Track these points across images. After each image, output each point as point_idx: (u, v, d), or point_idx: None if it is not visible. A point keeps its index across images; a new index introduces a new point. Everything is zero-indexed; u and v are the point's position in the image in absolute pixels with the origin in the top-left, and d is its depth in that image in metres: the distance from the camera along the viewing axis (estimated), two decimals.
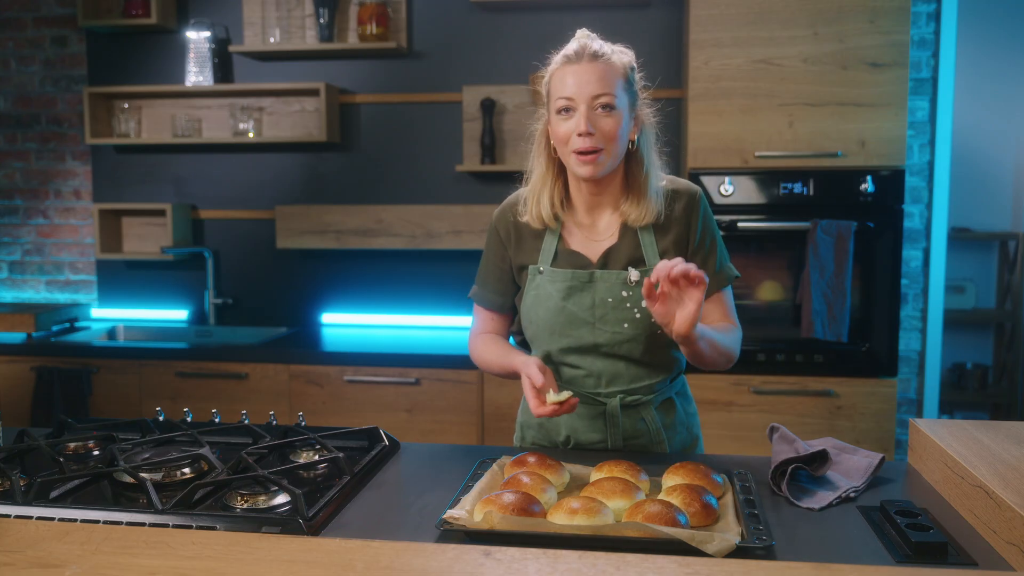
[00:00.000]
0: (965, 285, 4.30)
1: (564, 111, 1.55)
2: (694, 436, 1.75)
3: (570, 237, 1.68)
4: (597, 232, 1.67)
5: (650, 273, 1.52)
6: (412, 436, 3.00)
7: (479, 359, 1.76)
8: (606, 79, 1.53)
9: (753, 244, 3.00)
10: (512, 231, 1.71)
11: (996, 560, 1.13)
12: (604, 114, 1.54)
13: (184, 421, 1.74)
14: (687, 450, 1.74)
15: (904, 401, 3.43)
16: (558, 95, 1.56)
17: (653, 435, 1.67)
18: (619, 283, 1.61)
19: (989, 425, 1.50)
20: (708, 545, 1.09)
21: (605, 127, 1.54)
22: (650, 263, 1.62)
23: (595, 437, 1.67)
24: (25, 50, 3.77)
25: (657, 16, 3.36)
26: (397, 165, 3.57)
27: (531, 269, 1.67)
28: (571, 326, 1.62)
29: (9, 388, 3.22)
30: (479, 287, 1.78)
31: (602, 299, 1.61)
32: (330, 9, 3.42)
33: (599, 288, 1.62)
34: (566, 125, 1.55)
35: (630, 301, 1.61)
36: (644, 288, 1.41)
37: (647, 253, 1.63)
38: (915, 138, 3.32)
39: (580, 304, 1.62)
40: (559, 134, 1.57)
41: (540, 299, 1.65)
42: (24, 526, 1.09)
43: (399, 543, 1.02)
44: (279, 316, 3.69)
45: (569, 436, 1.68)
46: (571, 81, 1.54)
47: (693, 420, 1.76)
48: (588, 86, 1.53)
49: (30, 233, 3.86)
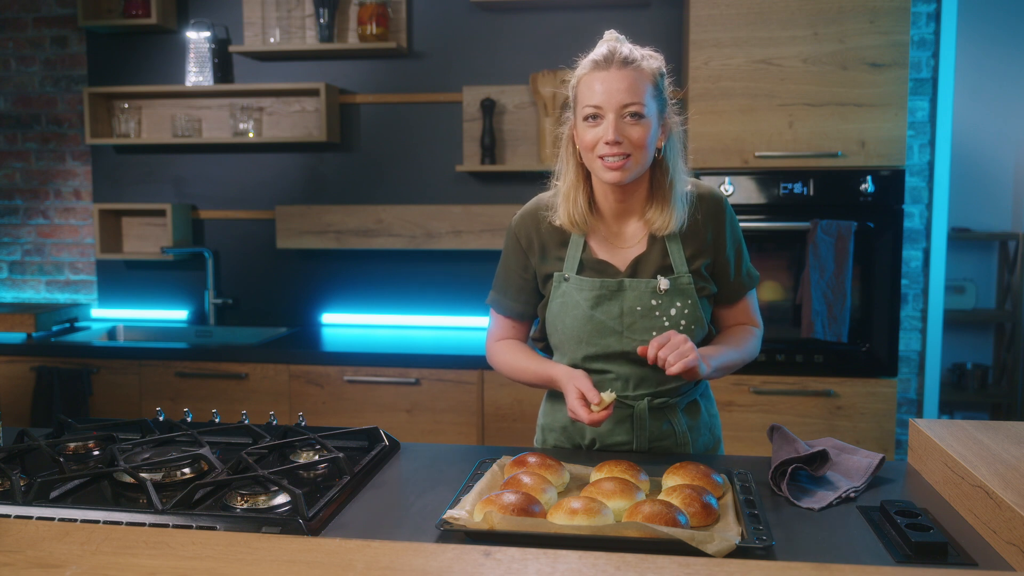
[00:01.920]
0: (965, 285, 4.30)
1: (592, 118, 1.53)
2: (716, 438, 1.75)
3: (596, 244, 1.65)
4: (623, 240, 1.65)
5: (680, 279, 1.60)
6: (412, 436, 3.00)
7: (503, 365, 1.73)
8: (636, 87, 1.51)
9: (753, 244, 2.98)
10: (535, 238, 1.68)
11: (996, 560, 1.13)
12: (632, 122, 1.51)
13: (184, 421, 1.73)
14: (709, 451, 1.73)
15: (904, 401, 3.43)
16: (586, 102, 1.53)
17: (679, 437, 1.66)
18: (648, 292, 1.60)
19: (989, 425, 1.50)
20: (708, 545, 1.09)
21: (633, 135, 1.51)
22: (678, 271, 1.61)
23: (621, 439, 1.66)
24: (25, 50, 3.77)
25: (657, 16, 3.36)
26: (397, 165, 3.57)
27: (556, 276, 1.65)
28: (599, 335, 1.61)
29: (9, 388, 3.22)
30: (498, 294, 1.75)
31: (631, 308, 1.60)
32: (330, 9, 3.42)
33: (628, 297, 1.60)
34: (593, 132, 1.52)
35: (659, 310, 1.59)
36: (639, 350, 1.50)
37: (675, 261, 1.62)
38: (915, 138, 3.32)
39: (608, 313, 1.60)
40: (586, 141, 1.54)
41: (567, 307, 1.63)
42: (24, 526, 1.09)
43: (399, 543, 1.02)
44: (279, 316, 3.69)
45: (595, 439, 1.67)
46: (600, 88, 1.51)
47: (715, 422, 1.76)
48: (617, 95, 1.50)
49: (30, 233, 3.87)
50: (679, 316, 1.60)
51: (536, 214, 1.68)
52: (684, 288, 1.60)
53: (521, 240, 1.69)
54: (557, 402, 1.72)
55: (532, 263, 1.69)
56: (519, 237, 1.70)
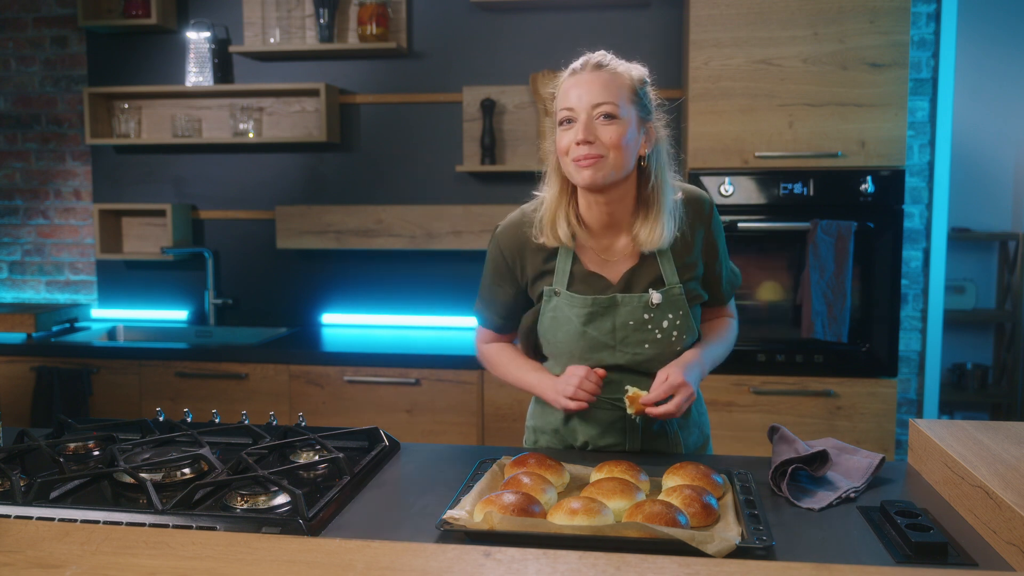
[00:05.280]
0: (965, 285, 4.30)
1: (566, 122, 1.53)
2: (705, 435, 1.77)
3: (586, 257, 1.63)
4: (614, 253, 1.63)
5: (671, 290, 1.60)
6: (412, 436, 3.00)
7: (494, 368, 1.75)
8: (608, 88, 1.50)
9: (753, 244, 2.99)
10: (519, 252, 1.66)
11: (996, 560, 1.13)
12: (605, 123, 1.50)
13: (184, 421, 1.74)
14: (699, 449, 1.74)
15: (904, 401, 3.43)
16: (560, 106, 1.54)
17: (671, 437, 1.67)
18: (640, 306, 1.59)
19: (989, 425, 1.50)
20: (708, 545, 1.09)
21: (605, 136, 1.49)
22: (669, 282, 1.60)
23: (613, 441, 1.66)
24: (25, 50, 3.77)
25: (657, 16, 3.36)
26: (397, 165, 3.57)
27: (546, 291, 1.63)
28: (591, 350, 1.61)
29: (9, 388, 3.22)
30: (482, 308, 1.75)
31: (623, 323, 1.59)
32: (330, 9, 3.42)
33: (621, 312, 1.59)
34: (567, 136, 1.52)
35: (651, 323, 1.59)
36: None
37: (666, 273, 1.61)
38: (915, 138, 3.32)
39: (600, 328, 1.60)
40: (561, 145, 1.53)
41: (559, 322, 1.62)
42: (24, 526, 1.09)
43: (399, 543, 1.02)
44: (279, 316, 3.69)
45: (587, 442, 1.67)
46: (573, 92, 1.52)
47: (704, 420, 1.77)
48: (588, 95, 1.50)
49: (30, 233, 3.87)
50: (671, 328, 1.60)
51: (521, 225, 1.65)
52: (676, 299, 1.60)
53: (506, 255, 1.67)
54: (546, 405, 1.73)
55: (518, 276, 1.67)
56: (503, 251, 1.67)
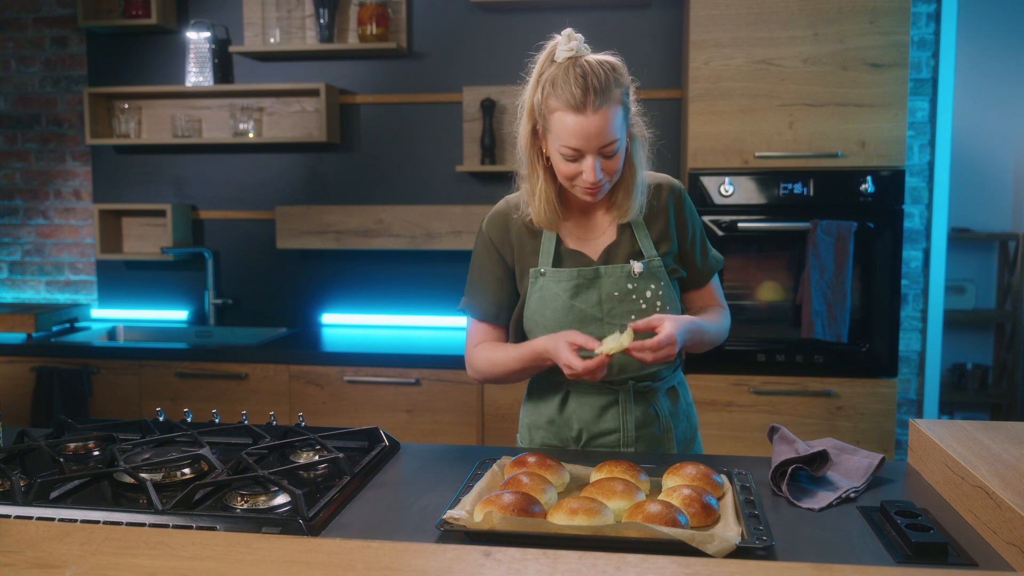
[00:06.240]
0: (965, 285, 4.30)
1: (571, 159, 1.56)
2: (693, 427, 1.79)
3: (568, 237, 1.70)
4: (592, 231, 1.71)
5: (651, 262, 1.66)
6: (412, 436, 3.00)
7: (484, 363, 1.73)
8: (611, 125, 1.53)
9: (753, 244, 3.00)
10: (507, 236, 1.72)
11: (996, 560, 1.13)
12: (608, 155, 1.55)
13: (184, 421, 1.73)
14: (688, 440, 1.77)
15: (904, 401, 3.43)
16: (563, 141, 1.54)
17: (663, 422, 1.70)
18: (624, 276, 1.65)
19: (989, 425, 1.50)
20: (708, 546, 1.09)
21: (609, 167, 1.57)
22: (648, 254, 1.67)
23: (608, 426, 1.68)
24: (25, 50, 3.77)
25: (657, 16, 3.36)
26: (397, 165, 3.57)
27: (532, 272, 1.68)
28: (580, 324, 1.65)
29: (9, 388, 3.22)
30: (471, 298, 1.77)
31: (608, 294, 1.65)
32: (330, 9, 3.42)
33: (605, 283, 1.65)
34: (571, 167, 1.57)
35: (635, 293, 1.65)
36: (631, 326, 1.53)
37: (643, 245, 1.68)
38: (915, 138, 3.32)
39: (588, 301, 1.65)
40: (563, 172, 1.58)
41: (546, 300, 1.67)
42: (24, 526, 1.09)
43: (399, 543, 1.02)
44: (279, 316, 3.69)
45: (582, 429, 1.69)
46: (578, 132, 1.52)
47: (691, 410, 1.81)
48: (596, 139, 1.52)
49: (30, 233, 3.86)
50: (655, 298, 1.65)
51: (507, 213, 1.73)
52: (656, 270, 1.67)
53: (494, 240, 1.73)
54: (539, 399, 1.75)
55: (507, 258, 1.72)
56: (491, 237, 1.73)
